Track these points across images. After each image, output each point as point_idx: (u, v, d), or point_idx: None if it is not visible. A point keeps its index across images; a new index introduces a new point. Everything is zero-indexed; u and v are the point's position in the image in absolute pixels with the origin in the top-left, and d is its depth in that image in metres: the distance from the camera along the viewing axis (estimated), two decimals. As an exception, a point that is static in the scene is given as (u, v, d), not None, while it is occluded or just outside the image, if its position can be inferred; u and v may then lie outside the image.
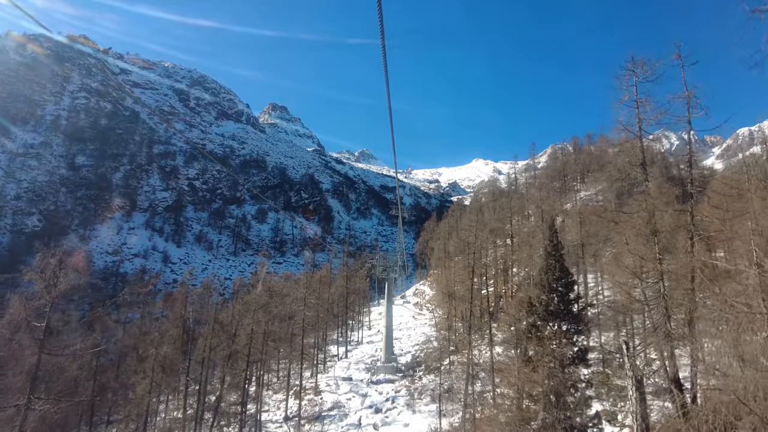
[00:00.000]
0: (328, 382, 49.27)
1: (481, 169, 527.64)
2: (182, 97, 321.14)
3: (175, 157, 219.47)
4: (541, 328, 20.22)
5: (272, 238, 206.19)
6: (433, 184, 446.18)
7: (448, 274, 67.13)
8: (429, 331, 68.12)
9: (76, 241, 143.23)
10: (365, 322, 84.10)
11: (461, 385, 40.55)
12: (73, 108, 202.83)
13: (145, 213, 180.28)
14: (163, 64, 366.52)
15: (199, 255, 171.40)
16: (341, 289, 70.17)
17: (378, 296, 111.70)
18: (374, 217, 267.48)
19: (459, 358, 47.56)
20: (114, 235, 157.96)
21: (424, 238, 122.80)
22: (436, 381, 42.94)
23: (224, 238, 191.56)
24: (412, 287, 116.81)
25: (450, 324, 56.45)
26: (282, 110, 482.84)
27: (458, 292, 55.78)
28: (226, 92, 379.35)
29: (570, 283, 20.70)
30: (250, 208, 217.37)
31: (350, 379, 48.80)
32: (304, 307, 38.34)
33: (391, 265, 57.26)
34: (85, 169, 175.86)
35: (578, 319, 20.14)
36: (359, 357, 60.18)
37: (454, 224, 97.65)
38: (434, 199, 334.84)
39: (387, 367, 49.18)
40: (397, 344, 62.43)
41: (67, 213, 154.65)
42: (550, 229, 21.51)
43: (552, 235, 21.38)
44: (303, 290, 39.01)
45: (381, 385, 46.51)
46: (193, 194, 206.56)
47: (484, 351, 48.73)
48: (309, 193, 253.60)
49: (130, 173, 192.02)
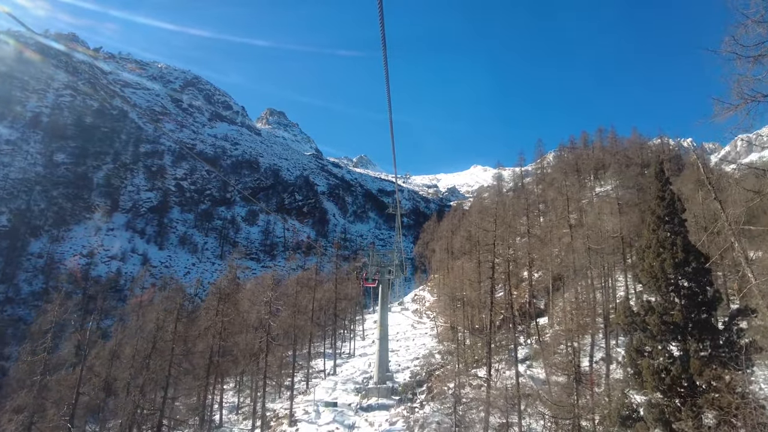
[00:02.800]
0: (307, 408, 39.60)
1: (480, 175, 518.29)
2: (174, 97, 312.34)
3: (162, 157, 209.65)
4: (655, 354, 10.97)
5: (262, 241, 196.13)
6: (432, 189, 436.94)
7: (453, 276, 58.47)
8: (430, 342, 60.12)
9: (46, 242, 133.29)
10: (358, 332, 75.67)
11: (476, 415, 31.13)
12: (57, 105, 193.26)
13: (127, 214, 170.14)
14: (156, 65, 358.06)
15: (183, 258, 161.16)
16: (329, 294, 60.96)
17: (373, 302, 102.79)
18: (371, 221, 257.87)
19: (470, 379, 38.05)
20: (91, 237, 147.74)
21: (424, 240, 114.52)
22: (441, 410, 33.51)
23: (210, 240, 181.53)
24: (411, 293, 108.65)
25: (456, 335, 47.39)
26: (280, 115, 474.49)
27: (467, 296, 46.60)
28: (221, 94, 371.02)
29: (702, 272, 11.33)
30: (240, 210, 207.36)
31: (335, 405, 39.09)
32: (270, 315, 28.76)
33: (386, 265, 47.54)
34: (63, 167, 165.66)
35: (730, 342, 10.72)
36: (349, 374, 50.92)
37: (457, 223, 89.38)
38: (433, 203, 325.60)
39: (381, 389, 39.54)
40: (393, 358, 53.50)
41: (41, 212, 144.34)
42: (659, 179, 12.05)
43: (662, 187, 11.96)
44: (269, 293, 29.45)
45: (373, 412, 36.99)
46: (180, 195, 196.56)
47: (502, 369, 39.44)
48: (303, 194, 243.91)
49: (113, 172, 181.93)
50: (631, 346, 11.28)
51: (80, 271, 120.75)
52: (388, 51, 8.58)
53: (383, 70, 9.08)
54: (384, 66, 9.09)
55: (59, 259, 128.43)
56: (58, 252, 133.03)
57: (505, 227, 30.05)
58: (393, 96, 22.14)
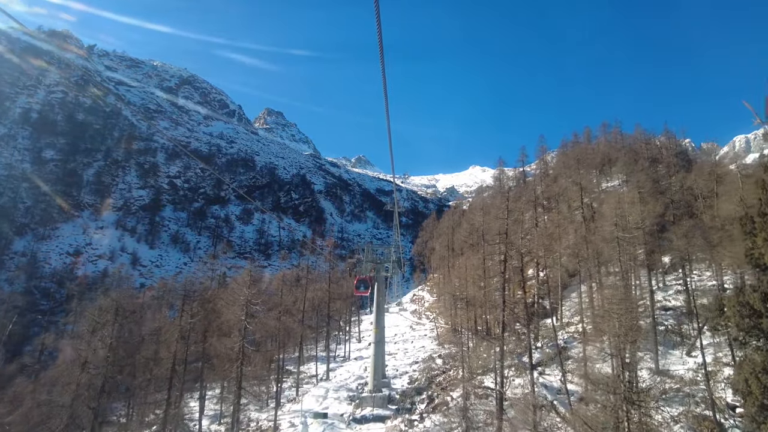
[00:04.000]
0: (294, 420, 35.51)
1: (479, 176, 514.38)
2: (170, 95, 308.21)
3: (155, 154, 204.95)
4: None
5: (257, 240, 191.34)
6: (431, 189, 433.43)
7: (455, 274, 54.62)
8: (430, 344, 56.16)
9: (31, 240, 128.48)
10: (354, 333, 72.07)
11: (483, 430, 27.03)
12: (47, 102, 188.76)
13: (118, 212, 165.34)
14: (151, 63, 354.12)
15: (174, 257, 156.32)
16: (321, 294, 57.18)
17: (370, 303, 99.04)
18: (369, 221, 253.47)
19: (476, 388, 33.95)
20: (79, 235, 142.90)
21: (423, 239, 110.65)
22: (444, 423, 29.42)
23: (203, 239, 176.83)
24: (410, 293, 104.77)
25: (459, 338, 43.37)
26: (277, 115, 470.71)
27: (470, 295, 42.60)
28: (217, 92, 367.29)
29: None
30: (235, 209, 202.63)
31: (325, 416, 35.01)
32: (247, 317, 24.68)
33: (383, 261, 43.40)
34: (52, 164, 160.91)
35: None
36: (343, 379, 46.91)
37: (458, 220, 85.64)
38: (432, 203, 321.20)
39: (376, 398, 35.46)
40: (391, 362, 49.61)
41: (27, 210, 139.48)
42: None
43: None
44: (246, 291, 25.39)
45: (367, 424, 33.03)
46: (174, 193, 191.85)
47: (511, 376, 35.34)
48: (300, 193, 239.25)
49: (104, 169, 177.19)
50: (753, 360, 7.46)
51: (65, 271, 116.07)
52: (385, 56, 8.79)
53: (380, 70, 9.22)
54: (381, 63, 9.09)
55: (44, 258, 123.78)
56: (43, 250, 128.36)
57: (518, 214, 26.01)
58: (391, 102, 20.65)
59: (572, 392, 29.30)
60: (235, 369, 23.98)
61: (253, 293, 25.12)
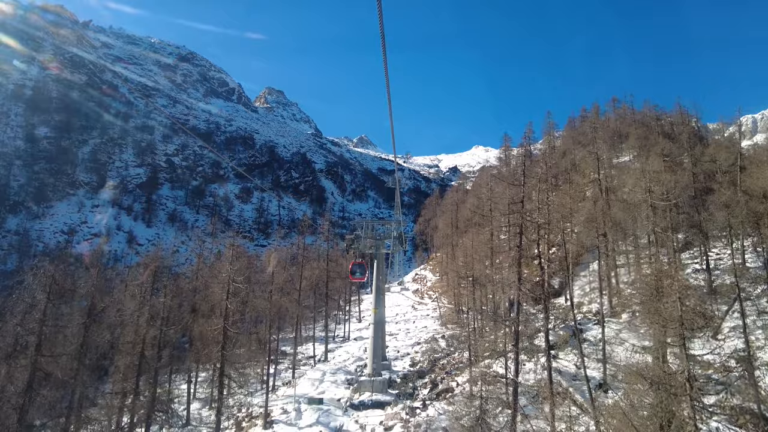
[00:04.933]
0: (287, 405, 33.08)
1: (482, 155, 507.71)
2: (168, 73, 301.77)
3: (152, 132, 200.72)
4: None
5: (256, 219, 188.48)
6: (433, 168, 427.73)
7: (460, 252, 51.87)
8: (432, 324, 54.28)
9: (24, 218, 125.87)
10: (354, 313, 70.25)
11: (492, 420, 24.39)
12: (42, 78, 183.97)
13: (114, 190, 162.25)
14: (149, 40, 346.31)
15: (171, 236, 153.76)
16: (319, 272, 54.80)
17: (371, 283, 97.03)
18: (370, 200, 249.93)
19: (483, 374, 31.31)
20: (74, 213, 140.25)
21: (426, 217, 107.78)
22: (451, 412, 26.76)
23: (202, 218, 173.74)
24: (412, 272, 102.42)
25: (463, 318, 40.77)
26: (278, 94, 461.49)
27: (477, 273, 39.70)
28: (216, 70, 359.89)
29: None
30: (234, 187, 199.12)
31: (320, 401, 32.57)
32: (228, 296, 21.81)
33: (383, 237, 40.43)
34: (46, 141, 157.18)
35: None
36: (341, 361, 44.72)
37: (462, 197, 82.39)
38: (434, 183, 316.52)
39: (375, 382, 32.91)
40: (392, 343, 47.47)
41: (21, 188, 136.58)
42: None
43: None
44: (228, 267, 22.51)
45: (365, 411, 30.55)
46: (171, 171, 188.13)
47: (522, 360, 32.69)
48: (300, 172, 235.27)
49: (100, 147, 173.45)
50: None
51: (58, 249, 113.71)
52: (387, 49, 9.40)
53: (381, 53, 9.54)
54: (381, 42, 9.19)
55: (37, 237, 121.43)
56: (36, 229, 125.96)
57: (535, 180, 22.82)
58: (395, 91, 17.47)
59: (590, 378, 26.65)
60: (215, 352, 21.22)
61: (235, 270, 22.17)
